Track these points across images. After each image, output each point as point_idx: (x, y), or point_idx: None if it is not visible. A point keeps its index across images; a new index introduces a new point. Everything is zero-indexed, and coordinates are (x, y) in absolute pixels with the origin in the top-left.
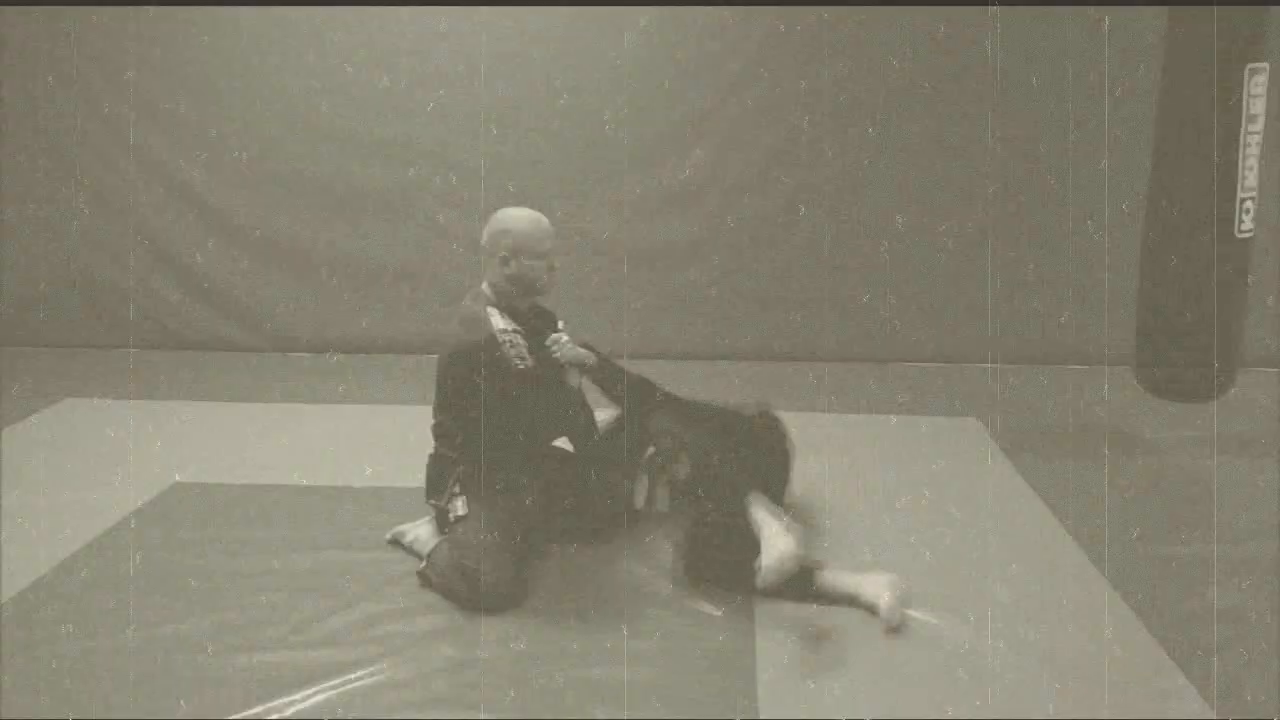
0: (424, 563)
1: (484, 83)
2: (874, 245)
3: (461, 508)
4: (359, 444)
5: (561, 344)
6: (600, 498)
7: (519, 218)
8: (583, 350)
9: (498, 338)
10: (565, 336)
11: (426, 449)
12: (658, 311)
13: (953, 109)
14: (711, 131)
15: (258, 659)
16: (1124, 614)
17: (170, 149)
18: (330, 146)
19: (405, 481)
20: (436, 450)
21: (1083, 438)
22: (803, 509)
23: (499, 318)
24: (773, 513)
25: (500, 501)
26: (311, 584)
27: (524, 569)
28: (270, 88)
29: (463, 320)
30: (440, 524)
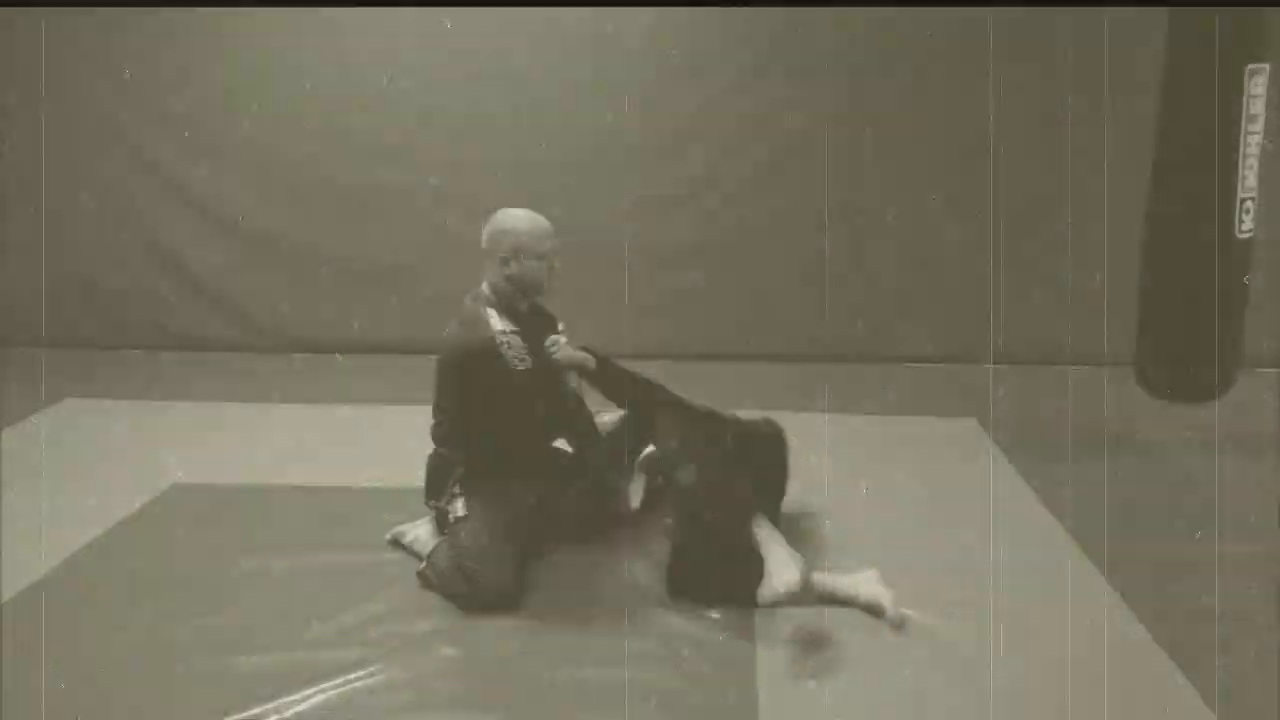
0: (424, 563)
1: (485, 83)
2: (872, 246)
3: (461, 509)
4: (359, 444)
5: (559, 346)
6: (599, 499)
7: (519, 218)
8: (581, 353)
9: (496, 339)
10: (564, 339)
11: (426, 449)
12: (657, 312)
13: (952, 109)
14: (712, 132)
15: (257, 660)
16: (1123, 615)
17: (170, 149)
18: (330, 147)
19: (405, 482)
20: (436, 451)
21: (1082, 438)
22: (801, 509)
23: (498, 318)
24: (776, 539)
25: (499, 502)
26: (311, 585)
27: (523, 570)
28: (271, 88)
29: (462, 321)
30: (440, 525)
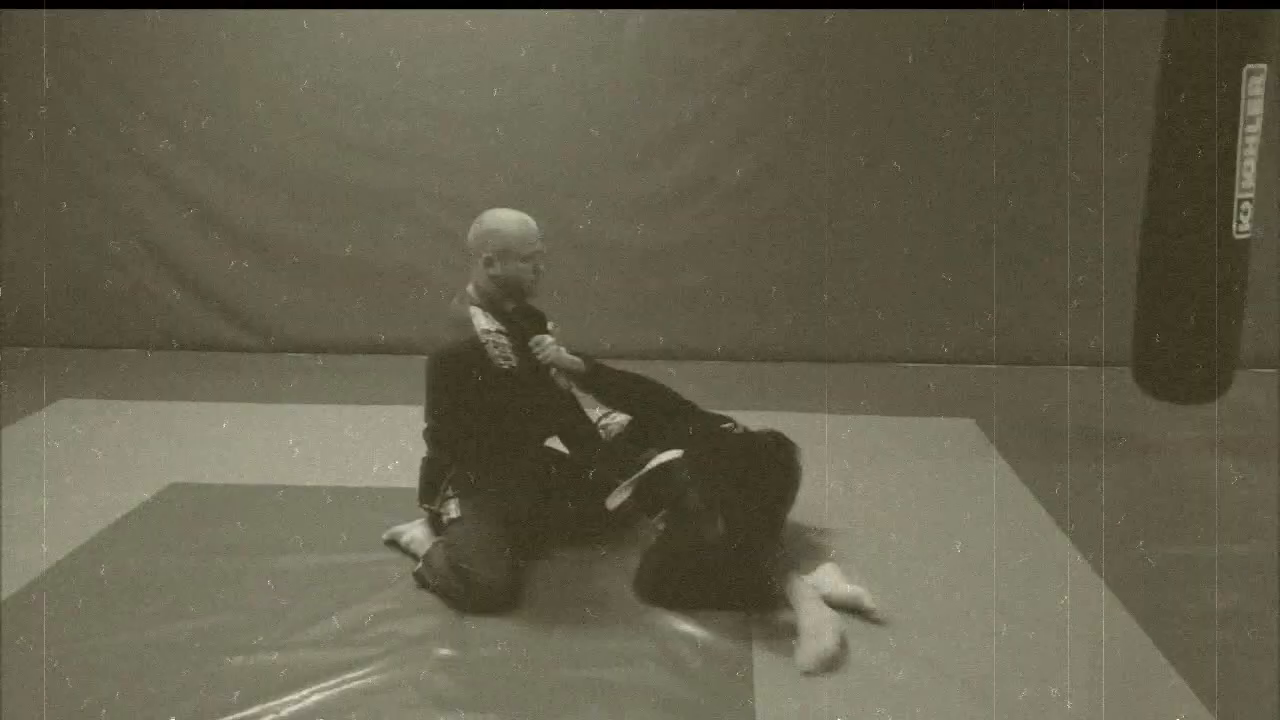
0: (420, 563)
1: (482, 84)
2: (870, 246)
3: (454, 510)
4: (356, 444)
5: (544, 345)
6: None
7: (504, 219)
8: (570, 357)
9: (481, 338)
10: (550, 338)
11: (423, 450)
12: (654, 312)
13: (949, 109)
14: (708, 132)
15: (254, 659)
16: (1121, 616)
17: (168, 150)
18: (328, 147)
19: (402, 482)
20: (429, 454)
21: (1080, 439)
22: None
23: (484, 318)
24: (810, 596)
25: (492, 503)
26: (308, 584)
27: (519, 570)
28: (268, 88)
29: (448, 322)
30: (434, 527)
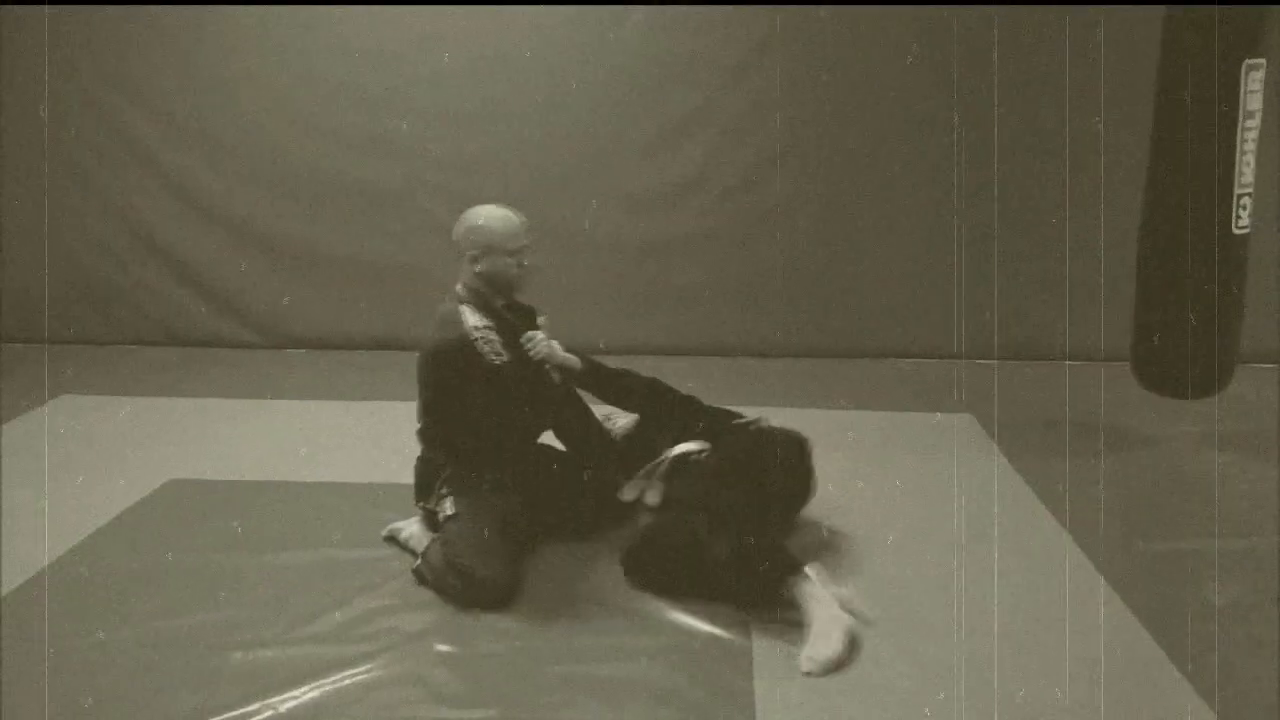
0: (418, 560)
1: (481, 79)
2: (869, 241)
3: (450, 507)
4: (355, 441)
5: (536, 342)
6: (591, 494)
7: (488, 216)
8: (564, 354)
9: (471, 335)
10: (542, 334)
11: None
12: (651, 307)
13: (947, 105)
14: (706, 127)
15: (253, 655)
16: (1120, 611)
17: (168, 146)
18: (327, 143)
19: (401, 478)
20: (423, 453)
21: (1079, 434)
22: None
23: (472, 315)
24: (821, 596)
25: (488, 499)
26: (307, 580)
27: (517, 566)
28: (267, 85)
29: (438, 321)
30: (430, 526)
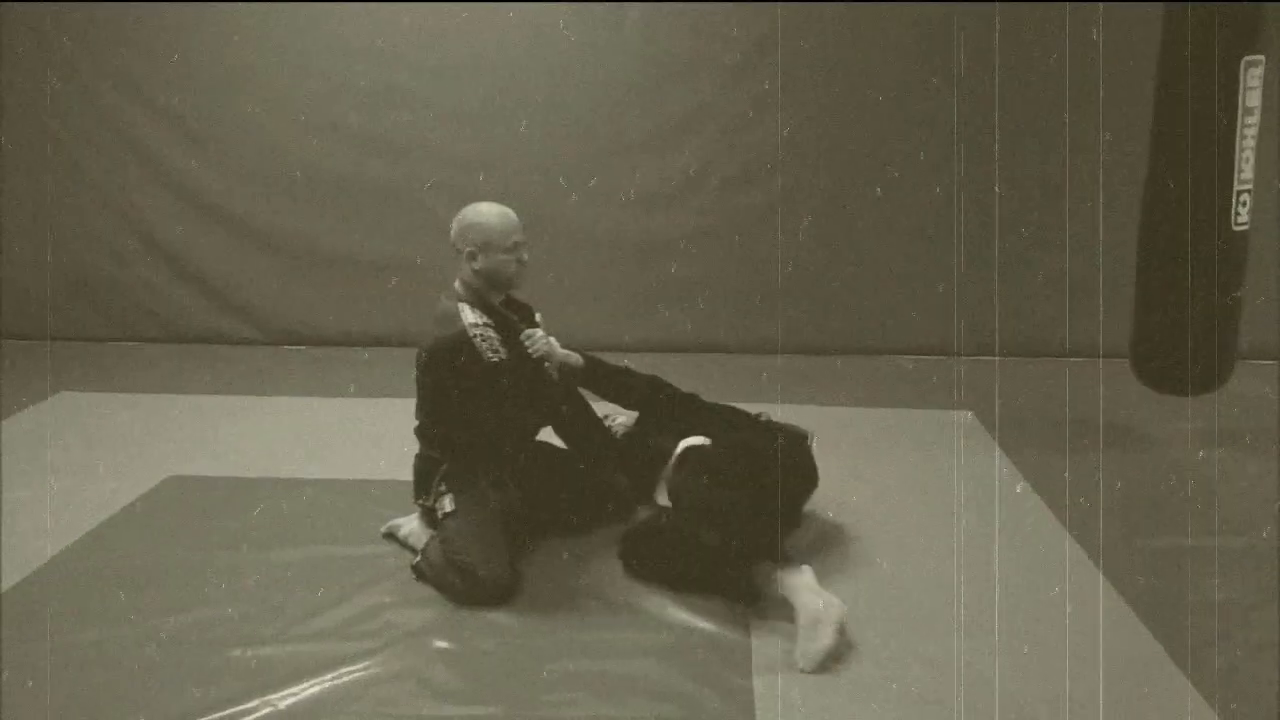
0: (418, 557)
1: (481, 77)
2: (867, 238)
3: (449, 504)
4: (354, 437)
5: (535, 339)
6: (590, 491)
7: (484, 212)
8: (564, 351)
9: (468, 333)
10: (540, 332)
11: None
12: (651, 305)
13: (947, 103)
14: (706, 125)
15: (252, 652)
16: (1120, 607)
17: (167, 143)
18: (326, 140)
19: (400, 475)
20: (422, 450)
21: (1079, 430)
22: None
23: (470, 312)
24: (805, 585)
25: (487, 496)
26: (306, 577)
27: (517, 562)
28: (267, 82)
29: (436, 318)
30: (429, 523)
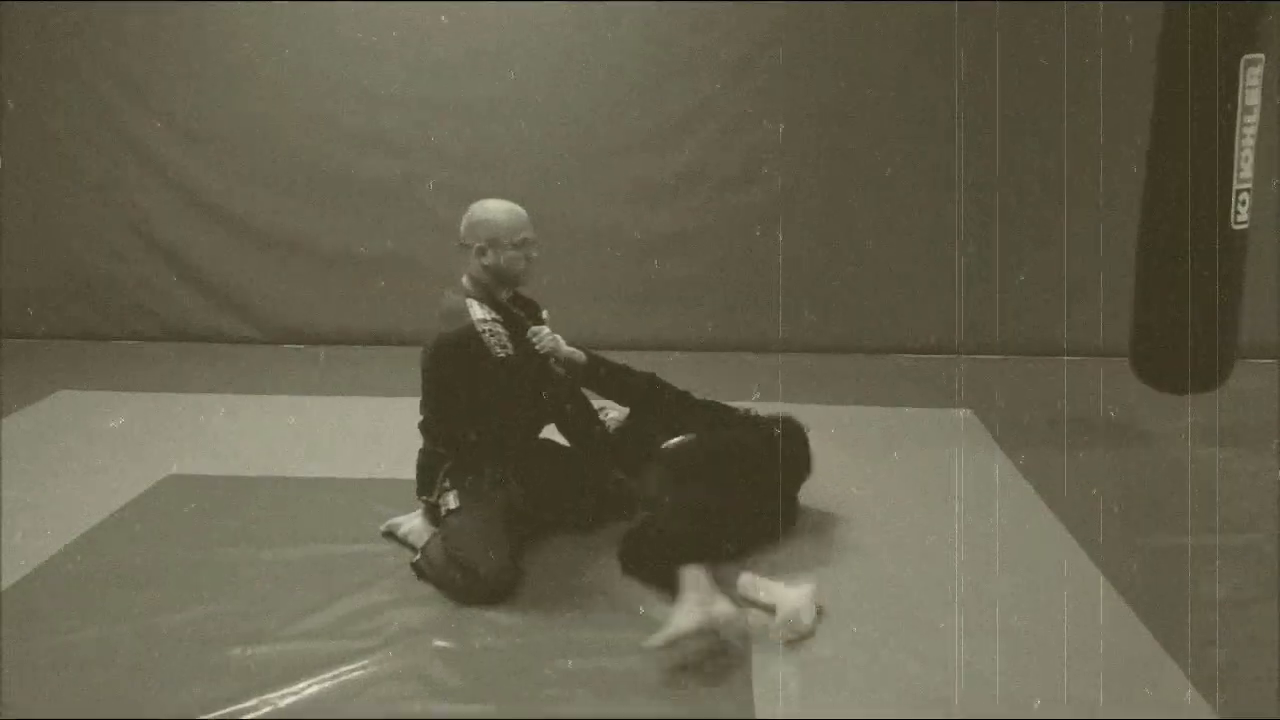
0: (418, 555)
1: (480, 75)
2: (867, 237)
3: (452, 501)
4: (354, 436)
5: (541, 336)
6: (591, 488)
7: (493, 209)
8: (569, 349)
9: (476, 328)
10: (547, 329)
11: (420, 441)
12: (651, 302)
13: (947, 101)
14: (706, 123)
15: (252, 650)
16: (1119, 605)
17: (166, 142)
18: (325, 138)
19: (400, 473)
20: (425, 446)
21: (1079, 429)
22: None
23: (478, 308)
24: (770, 585)
25: (489, 494)
26: (306, 576)
27: (518, 560)
28: (266, 80)
29: (444, 313)
30: (432, 519)
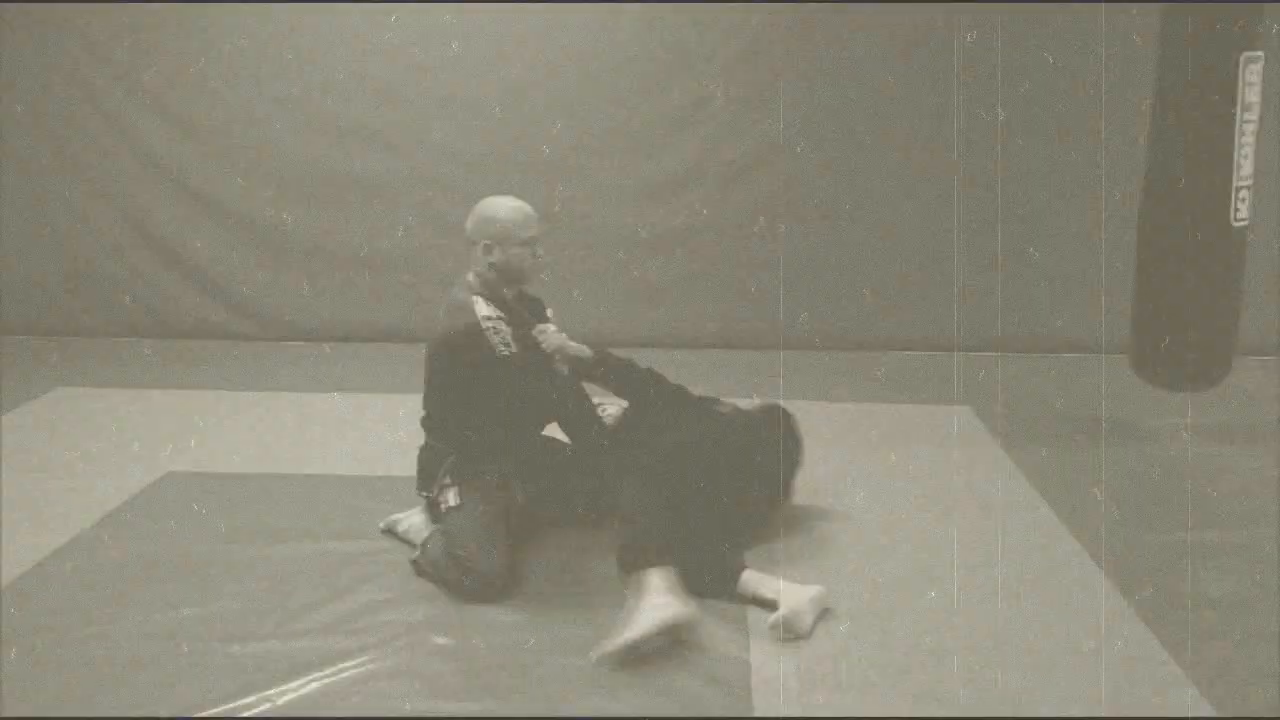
0: (417, 552)
1: (479, 72)
2: (866, 235)
3: (453, 498)
4: (353, 433)
5: (547, 334)
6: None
7: (501, 206)
8: (575, 345)
9: (481, 325)
10: (552, 326)
11: (420, 438)
12: (649, 299)
13: (947, 99)
14: (705, 119)
15: (251, 648)
16: (1118, 603)
17: (165, 138)
18: (325, 135)
19: (399, 470)
20: (427, 442)
21: (1078, 426)
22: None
23: (483, 305)
24: (775, 583)
25: (491, 491)
26: (305, 573)
27: (516, 558)
28: (265, 77)
29: (448, 309)
30: (432, 515)
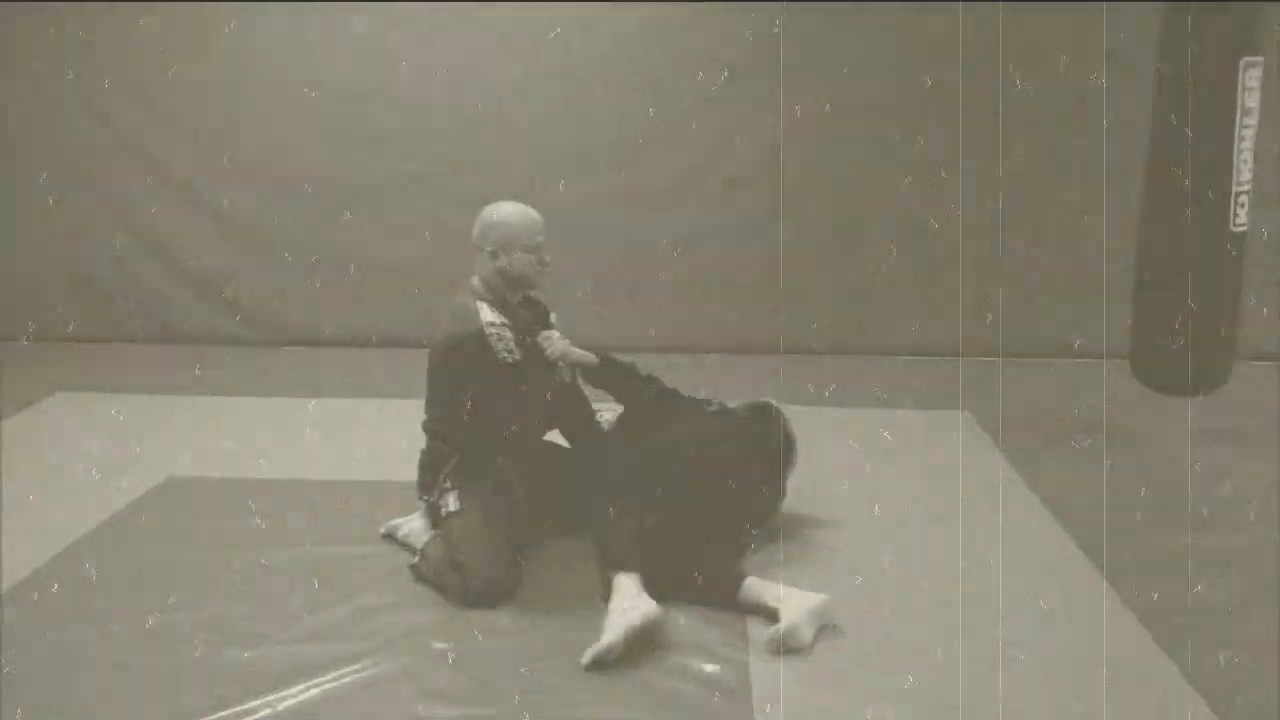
0: (417, 557)
1: (479, 76)
2: (867, 238)
3: (453, 503)
4: (353, 438)
5: (552, 341)
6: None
7: (508, 211)
8: (580, 351)
9: (485, 330)
10: (557, 333)
11: (420, 443)
12: (648, 302)
13: (948, 103)
14: (704, 123)
15: (251, 653)
16: (1118, 608)
17: (165, 144)
18: (325, 140)
19: (399, 475)
20: (428, 446)
21: (1077, 431)
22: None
23: (488, 311)
24: (779, 590)
25: (491, 496)
26: (304, 578)
27: (517, 563)
28: (267, 81)
29: (452, 314)
30: (432, 519)
